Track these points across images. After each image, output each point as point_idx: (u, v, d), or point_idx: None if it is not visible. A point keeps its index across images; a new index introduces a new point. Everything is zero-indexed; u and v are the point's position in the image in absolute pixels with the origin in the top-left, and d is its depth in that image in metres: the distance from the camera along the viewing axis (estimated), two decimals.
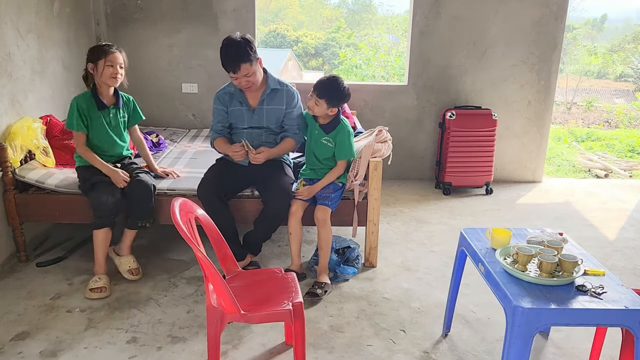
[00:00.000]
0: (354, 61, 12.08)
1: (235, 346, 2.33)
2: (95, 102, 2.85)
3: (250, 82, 2.79)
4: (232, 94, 2.93)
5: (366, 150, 2.94)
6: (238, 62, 2.70)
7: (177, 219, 1.83)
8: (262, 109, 2.91)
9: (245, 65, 2.71)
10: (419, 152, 4.89)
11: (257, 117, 2.91)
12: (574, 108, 13.58)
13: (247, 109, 2.92)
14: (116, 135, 2.97)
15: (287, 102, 2.92)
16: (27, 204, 2.98)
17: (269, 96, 2.90)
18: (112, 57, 2.80)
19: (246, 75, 2.74)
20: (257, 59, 2.78)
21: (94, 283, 2.73)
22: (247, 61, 2.71)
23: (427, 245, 3.49)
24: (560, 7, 4.53)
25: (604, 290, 1.79)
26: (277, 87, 2.91)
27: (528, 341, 1.71)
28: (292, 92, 2.95)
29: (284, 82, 2.97)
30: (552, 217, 4.10)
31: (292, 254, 2.91)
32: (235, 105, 2.93)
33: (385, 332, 2.48)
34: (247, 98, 2.92)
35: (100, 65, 2.78)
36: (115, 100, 2.94)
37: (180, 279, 2.93)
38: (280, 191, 2.81)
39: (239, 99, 2.92)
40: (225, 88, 2.98)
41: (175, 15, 4.49)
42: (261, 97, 2.90)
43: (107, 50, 2.80)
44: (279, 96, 2.91)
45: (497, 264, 1.96)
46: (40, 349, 2.28)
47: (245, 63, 2.70)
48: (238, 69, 2.70)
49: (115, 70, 2.81)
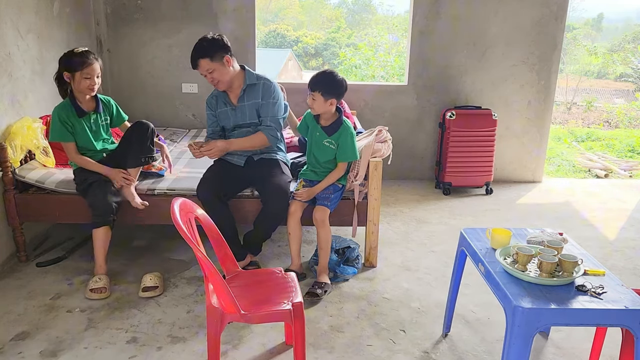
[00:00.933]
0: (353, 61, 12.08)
1: (235, 346, 2.33)
2: (74, 110, 2.85)
3: (215, 80, 2.80)
4: (217, 96, 2.97)
5: (366, 150, 2.94)
6: (196, 58, 2.75)
7: (177, 219, 1.83)
8: (243, 105, 2.92)
9: (204, 61, 2.74)
10: (419, 152, 4.89)
11: (240, 114, 2.93)
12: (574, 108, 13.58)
13: (230, 109, 2.94)
14: (98, 139, 2.98)
15: (263, 94, 2.91)
16: (27, 204, 2.98)
17: (246, 92, 2.91)
18: (89, 70, 2.77)
19: (209, 72, 2.77)
20: (223, 56, 2.78)
21: (94, 283, 2.73)
22: (205, 57, 2.73)
23: (427, 245, 3.49)
24: (560, 7, 4.53)
25: (604, 290, 1.79)
26: (254, 81, 2.91)
27: (528, 341, 1.71)
28: (268, 84, 2.93)
29: (262, 76, 2.96)
30: (552, 217, 4.10)
31: (292, 254, 2.91)
32: (221, 107, 2.96)
33: (385, 332, 2.48)
34: (229, 98, 2.94)
35: (77, 77, 2.77)
36: (94, 104, 2.93)
37: (180, 279, 2.93)
38: (278, 191, 2.81)
39: (223, 100, 2.95)
40: (212, 92, 3.00)
41: (175, 15, 4.49)
42: (240, 94, 2.91)
43: (84, 61, 2.75)
44: (255, 90, 2.92)
45: (497, 264, 1.96)
46: (40, 349, 2.28)
47: (203, 59, 2.73)
48: (197, 65, 2.76)
49: (93, 82, 2.80)
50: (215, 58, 2.76)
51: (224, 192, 2.87)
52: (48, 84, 3.55)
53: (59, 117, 2.83)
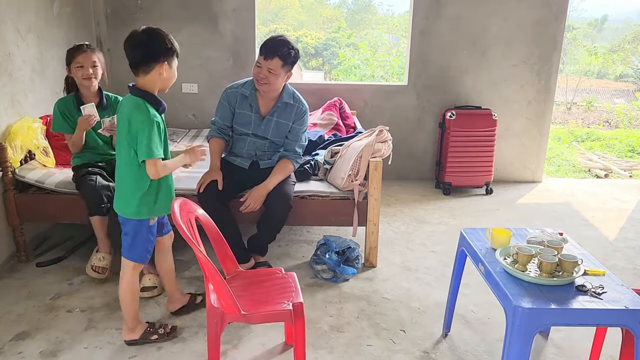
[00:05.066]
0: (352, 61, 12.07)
1: (235, 346, 2.33)
2: (75, 104, 2.85)
3: (267, 80, 2.76)
4: (246, 96, 2.90)
5: (366, 150, 2.94)
6: (275, 53, 2.74)
7: (177, 218, 1.83)
8: (271, 120, 2.91)
9: (277, 61, 2.74)
10: (419, 152, 4.89)
11: (264, 127, 2.91)
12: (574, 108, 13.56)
13: (256, 116, 2.90)
14: (100, 136, 2.95)
15: (295, 118, 2.92)
16: (27, 204, 2.98)
17: (280, 108, 2.90)
18: (80, 58, 2.75)
19: (270, 71, 2.75)
20: (290, 69, 2.80)
21: (98, 261, 2.73)
22: (282, 59, 2.74)
23: (427, 245, 3.49)
24: (560, 7, 4.53)
25: (604, 290, 1.79)
26: (290, 101, 2.91)
27: (528, 341, 1.71)
28: (303, 111, 2.94)
29: (298, 98, 2.95)
30: (552, 217, 4.10)
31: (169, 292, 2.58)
32: (244, 109, 2.91)
33: (385, 332, 2.48)
34: (259, 105, 2.91)
35: (72, 68, 2.77)
36: (98, 100, 2.91)
37: (180, 279, 2.93)
38: (281, 193, 2.81)
39: (250, 103, 2.90)
40: (239, 88, 2.93)
41: (176, 15, 4.49)
42: (272, 107, 2.90)
43: (76, 50, 2.76)
44: (289, 110, 2.91)
45: (497, 264, 1.96)
46: (40, 349, 2.28)
47: (280, 59, 2.73)
48: (271, 58, 2.74)
49: (87, 71, 2.77)
50: (286, 68, 2.77)
51: (225, 195, 2.83)
52: (48, 84, 3.55)
53: (59, 108, 2.86)
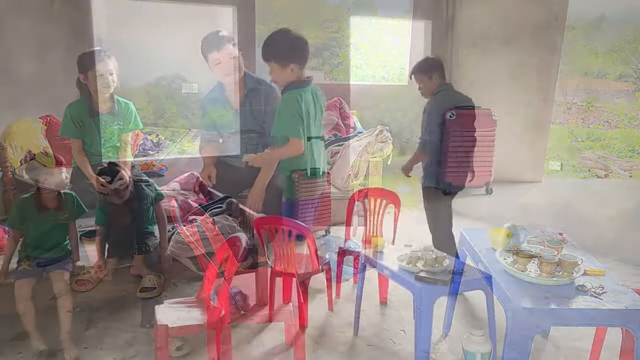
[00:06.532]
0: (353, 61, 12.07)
1: (235, 346, 2.33)
2: (87, 109, 2.85)
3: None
4: (215, 97, 2.91)
5: (366, 150, 2.94)
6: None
7: (177, 218, 1.83)
8: (245, 110, 2.90)
9: None
10: None
11: (242, 120, 2.91)
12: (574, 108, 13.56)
13: (231, 111, 2.91)
14: (109, 142, 2.94)
15: (265, 100, 2.88)
16: None
17: (248, 96, 2.87)
18: (100, 67, 2.77)
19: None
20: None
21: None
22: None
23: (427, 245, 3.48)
24: (560, 7, 4.53)
25: (604, 290, 1.79)
26: (256, 86, 2.88)
27: (528, 341, 1.71)
28: (269, 90, 2.90)
29: (263, 81, 2.91)
30: (552, 217, 4.10)
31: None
32: (218, 112, 2.93)
33: (385, 332, 2.47)
34: (230, 101, 2.91)
35: (90, 77, 2.77)
36: (111, 106, 2.91)
37: (180, 279, 2.93)
38: (276, 192, 2.81)
39: (220, 101, 2.90)
40: (208, 94, 2.95)
41: (176, 15, 4.48)
42: (242, 98, 2.89)
43: (94, 58, 2.76)
44: (257, 95, 2.89)
45: (497, 264, 1.96)
46: (40, 349, 2.28)
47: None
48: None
49: (106, 79, 2.79)
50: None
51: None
52: (48, 84, 3.55)
53: (70, 114, 2.84)
